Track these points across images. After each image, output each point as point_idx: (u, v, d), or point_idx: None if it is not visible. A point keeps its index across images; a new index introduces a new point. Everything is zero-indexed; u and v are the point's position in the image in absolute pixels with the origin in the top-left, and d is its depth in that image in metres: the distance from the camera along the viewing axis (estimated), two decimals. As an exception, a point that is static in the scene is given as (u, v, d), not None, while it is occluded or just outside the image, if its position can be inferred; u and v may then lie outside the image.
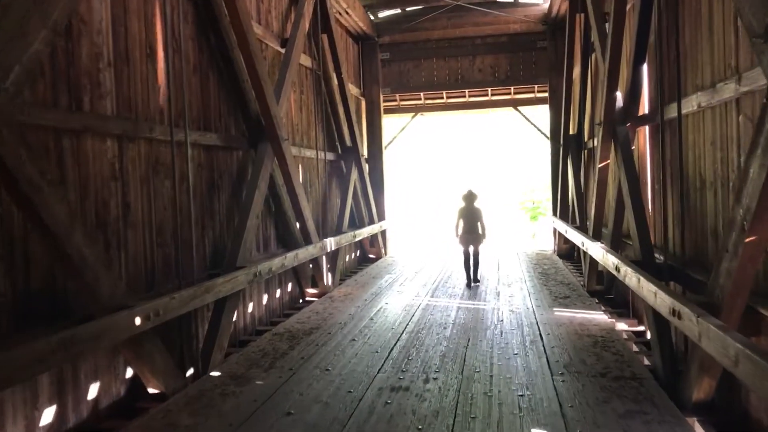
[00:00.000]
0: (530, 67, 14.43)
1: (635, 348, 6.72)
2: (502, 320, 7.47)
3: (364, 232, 12.36)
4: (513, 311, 7.94)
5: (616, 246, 7.89)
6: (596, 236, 8.59)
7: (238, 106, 7.79)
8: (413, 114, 16.89)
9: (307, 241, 9.02)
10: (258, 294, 8.26)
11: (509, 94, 15.84)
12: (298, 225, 9.01)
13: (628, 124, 7.32)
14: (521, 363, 5.71)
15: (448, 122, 29.61)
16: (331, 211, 11.77)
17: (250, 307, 8.02)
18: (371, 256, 14.19)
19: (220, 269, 6.71)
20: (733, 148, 4.48)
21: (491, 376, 5.37)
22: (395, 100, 16.38)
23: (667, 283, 5.54)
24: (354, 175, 12.40)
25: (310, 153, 10.39)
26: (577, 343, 6.31)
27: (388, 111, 16.84)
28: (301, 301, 9.77)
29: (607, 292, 9.09)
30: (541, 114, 23.70)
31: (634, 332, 7.41)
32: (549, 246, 18.59)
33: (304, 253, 8.47)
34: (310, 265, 9.55)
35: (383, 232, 14.45)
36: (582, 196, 11.32)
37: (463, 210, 10.28)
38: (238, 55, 7.43)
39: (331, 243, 9.74)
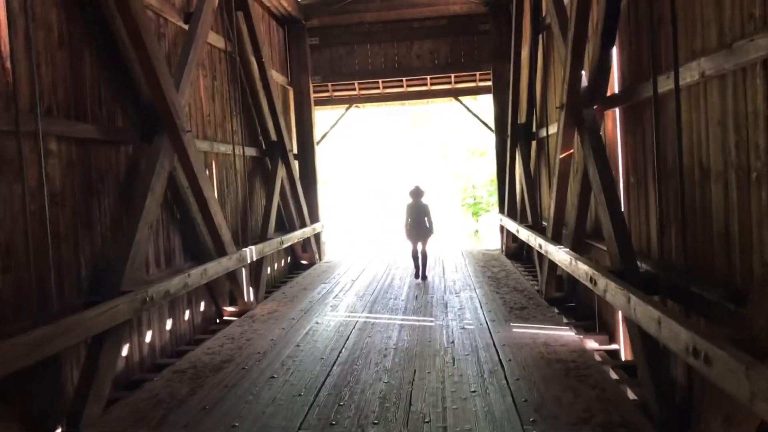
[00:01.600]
0: (472, 52, 13.34)
1: (614, 374, 5.64)
2: (453, 341, 6.28)
3: (294, 237, 11.01)
4: (465, 328, 6.77)
5: (579, 249, 6.83)
6: (556, 238, 7.52)
7: (126, 91, 6.35)
8: (347, 106, 15.63)
9: (221, 252, 7.63)
10: (159, 319, 6.83)
11: (450, 83, 14.75)
12: (210, 234, 7.60)
13: (595, 107, 6.24)
14: (481, 406, 4.51)
15: (387, 115, 28.45)
16: (255, 215, 10.39)
17: (148, 336, 6.59)
18: (304, 262, 12.85)
19: (100, 295, 5.28)
20: (759, 126, 3.38)
21: (445, 429, 4.15)
22: (327, 91, 15.07)
23: (663, 300, 4.45)
24: (281, 172, 11.04)
25: (225, 148, 8.98)
26: (545, 371, 5.17)
27: (320, 103, 15.52)
28: (218, 321, 8.37)
29: (568, 299, 8.05)
30: (484, 105, 22.78)
31: (607, 352, 6.35)
32: (495, 244, 17.67)
33: (215, 268, 7.07)
34: (228, 280, 8.15)
35: (317, 236, 13.11)
36: (534, 191, 10.28)
37: (410, 206, 10.28)
38: (123, 29, 5.99)
39: (252, 253, 8.36)
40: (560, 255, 6.52)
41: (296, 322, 7.52)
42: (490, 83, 13.87)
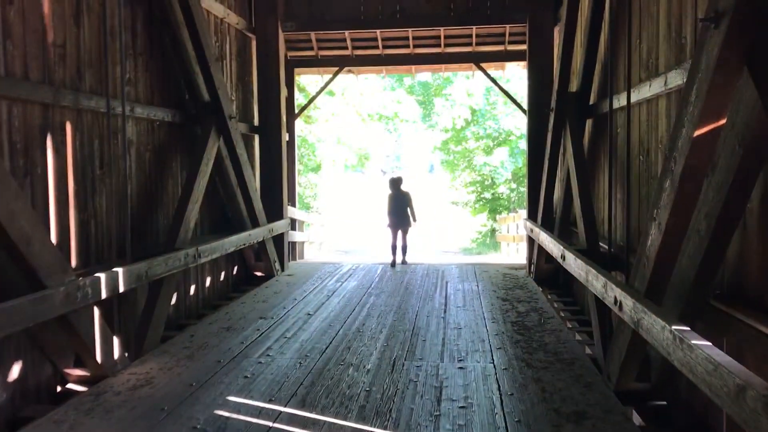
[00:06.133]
0: (502, -4, 9.72)
1: None
2: None
3: (224, 246, 7.42)
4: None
5: (700, 318, 3.33)
6: (654, 291, 3.94)
7: None
8: (337, 69, 12.11)
9: (36, 284, 4.20)
10: None
11: (471, 44, 11.18)
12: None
13: None
14: None
15: (390, 81, 24.66)
16: (165, 210, 6.94)
17: None
18: (259, 274, 9.39)
19: None
20: None
21: None
22: (312, 49, 11.58)
23: None
24: (215, 148, 7.54)
25: (99, 104, 5.52)
26: None
27: (303, 63, 12.13)
28: (58, 389, 4.97)
29: (656, 394, 4.53)
30: (513, 80, 19.05)
31: None
32: (518, 257, 14.11)
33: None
34: (61, 328, 4.71)
35: (278, 238, 9.63)
36: (588, 194, 6.72)
37: (391, 196, 10.57)
38: None
39: (109, 281, 4.90)
40: (684, 350, 2.97)
41: (164, 418, 4.09)
42: (522, 47, 10.32)
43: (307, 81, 16.82)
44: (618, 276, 5.60)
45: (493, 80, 11.97)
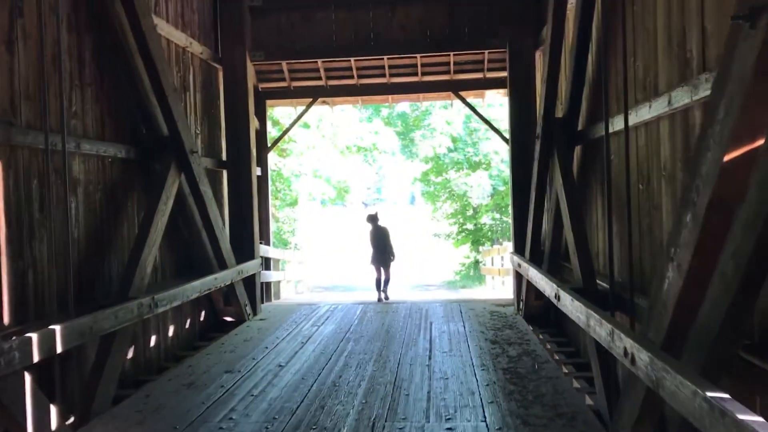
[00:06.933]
0: (479, 20, 9.29)
1: None
2: None
3: (186, 293, 6.74)
4: None
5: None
6: (672, 344, 3.38)
7: None
8: (311, 100, 11.61)
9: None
10: None
11: (448, 72, 10.74)
12: None
13: None
14: None
15: (369, 112, 24.18)
16: (116, 256, 6.30)
17: None
18: (229, 319, 8.73)
19: None
20: None
21: None
22: (284, 81, 11.07)
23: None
24: (175, 185, 6.94)
25: (37, 139, 4.92)
26: None
27: (275, 95, 11.60)
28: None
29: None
30: (493, 107, 18.67)
31: None
32: (504, 290, 13.55)
33: None
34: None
35: (250, 280, 8.99)
36: (581, 225, 6.19)
37: (371, 233, 11.03)
38: None
39: (42, 342, 4.24)
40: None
41: None
42: (502, 74, 9.94)
43: (282, 113, 16.33)
44: (621, 318, 5.06)
45: (473, 108, 11.55)
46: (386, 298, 10.77)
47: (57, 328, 4.39)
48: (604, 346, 4.20)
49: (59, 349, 4.40)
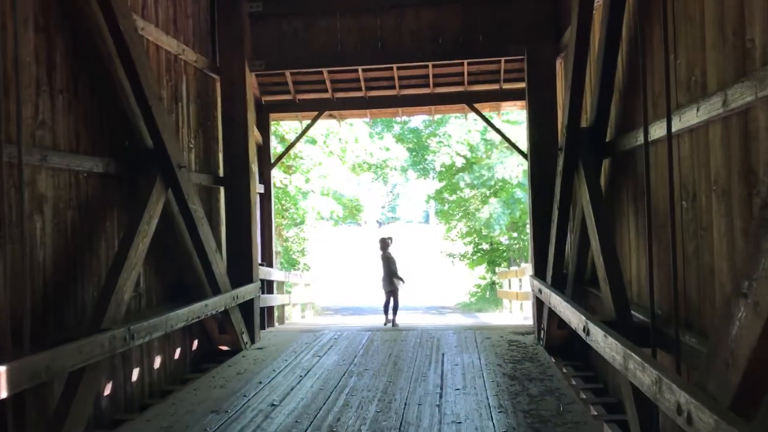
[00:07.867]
0: (494, 27, 8.65)
1: None
2: None
3: (170, 322, 6.04)
4: None
5: None
6: (747, 400, 2.67)
7: None
8: (316, 114, 11.03)
9: None
10: None
11: (462, 83, 10.11)
12: None
13: None
14: None
15: (380, 125, 23.55)
16: (91, 281, 5.67)
17: None
18: (224, 348, 8.06)
19: None
20: None
21: None
22: (288, 93, 10.52)
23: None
24: (160, 203, 6.31)
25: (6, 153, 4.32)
26: None
27: (279, 108, 11.08)
28: None
29: None
30: (510, 118, 17.99)
31: None
32: (522, 316, 12.79)
33: None
34: None
35: (248, 305, 8.33)
36: (610, 248, 5.47)
37: (382, 257, 11.34)
38: None
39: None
40: None
41: None
42: (519, 85, 9.33)
43: (288, 128, 15.76)
44: (661, 357, 4.34)
45: (488, 121, 10.90)
46: (393, 324, 10.86)
47: (1, 369, 3.75)
48: (648, 396, 3.47)
49: (3, 395, 3.75)
